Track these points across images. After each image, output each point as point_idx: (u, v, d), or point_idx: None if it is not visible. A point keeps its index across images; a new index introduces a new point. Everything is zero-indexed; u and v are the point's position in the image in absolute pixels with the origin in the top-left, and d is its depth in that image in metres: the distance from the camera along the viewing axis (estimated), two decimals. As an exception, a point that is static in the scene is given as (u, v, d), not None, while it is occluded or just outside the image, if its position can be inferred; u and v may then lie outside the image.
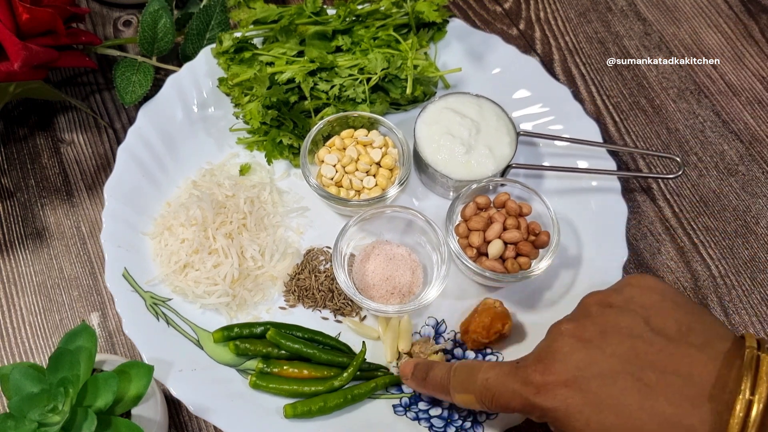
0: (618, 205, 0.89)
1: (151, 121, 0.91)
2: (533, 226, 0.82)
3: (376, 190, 0.86)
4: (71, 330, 0.65)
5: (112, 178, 0.86)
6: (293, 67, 0.89)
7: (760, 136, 1.02)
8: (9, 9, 0.81)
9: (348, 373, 0.77)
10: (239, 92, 0.91)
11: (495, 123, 0.89)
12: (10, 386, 0.62)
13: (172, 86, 0.93)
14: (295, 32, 0.93)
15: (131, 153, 0.89)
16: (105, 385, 0.62)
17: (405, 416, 0.78)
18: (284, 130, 0.90)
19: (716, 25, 1.12)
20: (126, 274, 0.82)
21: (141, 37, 0.95)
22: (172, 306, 0.82)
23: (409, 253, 0.86)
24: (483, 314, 0.79)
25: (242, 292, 0.82)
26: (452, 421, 0.77)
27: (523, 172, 0.92)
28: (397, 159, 0.88)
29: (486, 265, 0.80)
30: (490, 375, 0.64)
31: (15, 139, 0.97)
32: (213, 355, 0.80)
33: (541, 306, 0.85)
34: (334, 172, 0.86)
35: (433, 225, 0.82)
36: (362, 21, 0.95)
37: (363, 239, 0.87)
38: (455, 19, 1.00)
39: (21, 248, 0.90)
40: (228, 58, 0.92)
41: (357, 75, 0.90)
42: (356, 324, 0.83)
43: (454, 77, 0.99)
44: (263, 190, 0.89)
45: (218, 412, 0.75)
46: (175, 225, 0.84)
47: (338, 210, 0.89)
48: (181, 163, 0.91)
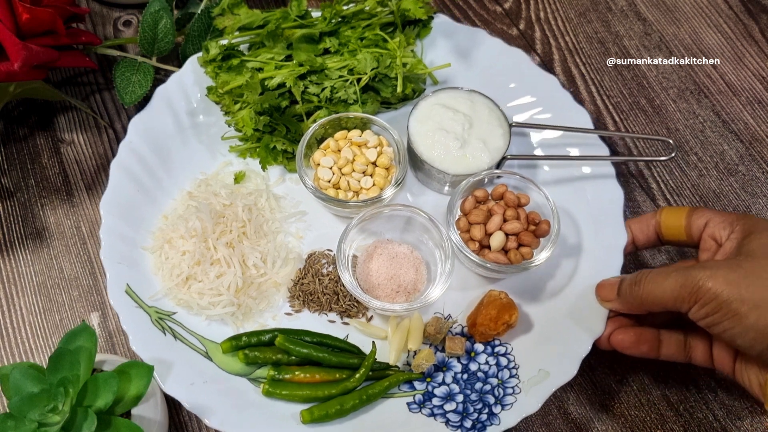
0: (614, 190, 0.89)
1: (142, 134, 0.90)
2: (533, 215, 0.83)
3: (374, 190, 0.86)
4: (71, 330, 0.65)
5: (106, 194, 0.85)
6: (283, 71, 0.89)
7: (760, 136, 1.02)
8: (9, 9, 0.81)
9: (360, 374, 0.77)
10: (230, 100, 0.90)
11: (487, 116, 0.89)
12: (10, 386, 0.62)
13: (161, 98, 0.92)
14: (281, 37, 0.92)
15: (124, 168, 0.87)
16: (105, 385, 0.62)
17: (420, 413, 0.78)
18: (277, 135, 0.90)
19: (716, 25, 1.12)
20: (129, 290, 0.81)
21: (141, 37, 0.94)
22: (178, 319, 0.81)
23: (411, 250, 0.86)
24: (489, 306, 0.79)
25: (247, 300, 0.82)
26: (468, 415, 0.77)
27: (517, 163, 0.93)
28: (393, 158, 0.88)
29: (489, 257, 0.81)
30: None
31: (15, 139, 0.97)
32: (223, 365, 0.79)
33: (545, 296, 0.85)
34: (331, 175, 0.85)
35: (433, 221, 0.82)
36: (348, 22, 0.95)
37: (364, 240, 0.87)
38: (440, 15, 1.00)
39: (21, 248, 0.90)
40: (216, 66, 0.92)
41: (347, 76, 0.90)
42: (363, 325, 0.83)
43: (442, 73, 0.99)
44: (260, 197, 0.89)
45: (235, 424, 0.75)
46: (175, 238, 0.83)
47: (336, 212, 0.89)
48: (174, 174, 0.90)
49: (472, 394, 0.79)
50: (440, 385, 0.80)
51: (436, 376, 0.80)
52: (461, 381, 0.80)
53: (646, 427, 0.82)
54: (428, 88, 0.97)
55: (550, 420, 0.82)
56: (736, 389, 0.84)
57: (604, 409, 0.83)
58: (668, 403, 0.83)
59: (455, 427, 0.77)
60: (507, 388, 0.79)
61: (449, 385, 0.80)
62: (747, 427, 0.82)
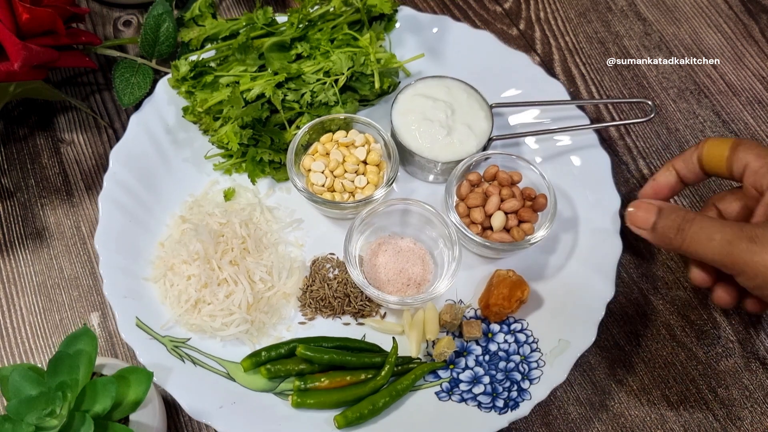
0: (599, 156, 0.92)
1: (125, 163, 0.89)
2: (528, 191, 0.85)
3: (369, 188, 0.86)
4: (72, 333, 0.65)
5: (99, 229, 0.84)
6: (259, 82, 0.88)
7: (760, 136, 1.02)
8: (9, 9, 0.81)
9: (386, 371, 0.78)
10: (209, 118, 0.89)
11: (466, 100, 0.90)
12: (9, 388, 0.62)
13: (138, 125, 0.91)
14: (252, 47, 0.91)
15: (112, 200, 0.86)
16: (104, 390, 0.62)
17: (450, 400, 0.79)
18: (261, 146, 0.89)
19: (716, 25, 1.12)
20: (139, 323, 0.80)
21: (143, 39, 0.95)
22: (193, 345, 0.81)
23: (414, 243, 0.87)
24: (500, 286, 0.80)
25: (259, 316, 0.82)
26: (498, 395, 0.78)
27: (500, 143, 0.94)
28: (382, 153, 0.88)
29: (494, 238, 0.83)
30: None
31: (15, 139, 0.97)
32: (246, 384, 0.79)
33: (551, 269, 0.87)
34: (324, 179, 0.85)
35: (433, 210, 0.83)
36: (315, 25, 0.95)
37: (368, 238, 0.87)
38: (403, 8, 1.01)
39: (21, 248, 0.90)
40: (190, 86, 0.91)
41: (324, 79, 0.90)
42: (379, 322, 0.83)
43: (414, 64, 0.98)
44: (254, 210, 0.88)
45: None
46: (177, 263, 0.82)
47: (333, 215, 0.89)
48: (163, 200, 0.89)
49: (498, 374, 0.80)
50: (464, 369, 0.81)
51: (458, 362, 0.81)
52: (484, 363, 0.81)
53: (646, 427, 0.82)
54: (403, 81, 0.98)
55: (550, 420, 0.82)
56: (736, 389, 0.84)
57: (604, 409, 0.83)
58: (668, 403, 0.83)
59: (488, 408, 0.77)
60: (531, 363, 0.80)
61: (473, 368, 0.81)
62: (747, 427, 0.82)
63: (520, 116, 0.97)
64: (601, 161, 0.91)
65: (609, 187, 0.89)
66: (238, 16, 1.07)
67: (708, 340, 0.87)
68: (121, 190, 0.87)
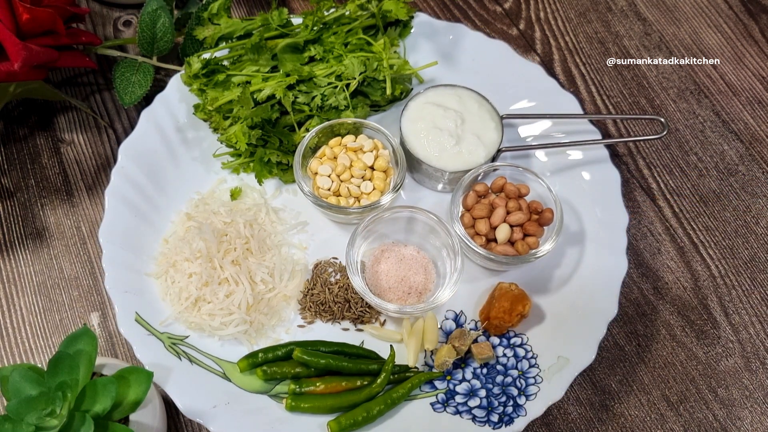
0: (609, 172, 0.90)
1: (133, 158, 0.89)
2: (534, 205, 0.83)
3: (374, 194, 0.86)
4: (72, 333, 0.65)
5: (104, 223, 0.84)
6: (271, 83, 0.88)
7: (760, 136, 1.02)
8: (9, 9, 0.81)
9: (382, 378, 0.77)
10: (220, 117, 0.89)
11: (477, 110, 0.90)
12: (9, 388, 0.62)
13: (148, 120, 0.91)
14: (265, 48, 0.91)
15: (119, 195, 0.86)
16: (104, 390, 0.62)
17: (445, 412, 0.78)
18: (270, 147, 0.89)
19: (716, 25, 1.12)
20: (139, 318, 0.80)
21: (140, 37, 0.94)
22: (191, 343, 0.81)
23: (417, 251, 0.86)
24: (501, 299, 0.80)
25: (259, 317, 0.82)
26: (493, 409, 0.78)
27: (510, 154, 0.93)
28: (390, 160, 0.88)
29: (498, 250, 0.81)
30: None
31: (15, 139, 0.97)
32: (242, 385, 0.79)
33: (554, 284, 0.86)
34: (330, 183, 0.85)
35: (438, 220, 0.82)
36: (330, 28, 0.95)
37: (370, 244, 0.87)
38: (420, 14, 1.00)
39: (21, 248, 0.90)
40: (202, 84, 0.91)
41: (336, 82, 0.90)
42: (378, 330, 0.83)
43: (427, 71, 0.98)
44: (259, 211, 0.88)
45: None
46: (179, 261, 0.82)
47: (338, 219, 0.89)
48: (169, 196, 0.89)
49: (495, 388, 0.79)
50: (461, 381, 0.80)
51: (455, 374, 0.81)
52: (481, 376, 0.80)
53: (646, 427, 0.82)
54: (415, 88, 0.98)
55: (550, 420, 0.82)
56: (736, 389, 0.84)
57: (604, 409, 0.83)
58: (668, 403, 0.83)
59: (482, 422, 0.77)
60: (528, 378, 0.80)
61: (470, 381, 0.80)
62: (747, 427, 0.82)
63: (530, 128, 0.95)
64: (610, 177, 0.90)
65: (617, 203, 0.88)
66: (243, 15, 1.07)
67: (708, 340, 0.87)
68: (128, 185, 0.88)
